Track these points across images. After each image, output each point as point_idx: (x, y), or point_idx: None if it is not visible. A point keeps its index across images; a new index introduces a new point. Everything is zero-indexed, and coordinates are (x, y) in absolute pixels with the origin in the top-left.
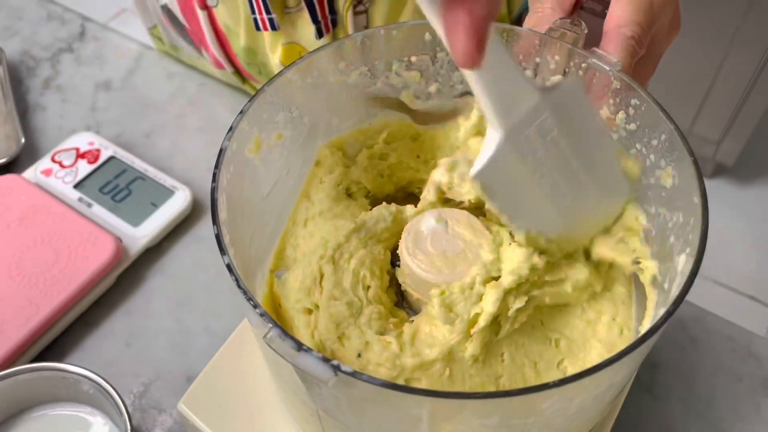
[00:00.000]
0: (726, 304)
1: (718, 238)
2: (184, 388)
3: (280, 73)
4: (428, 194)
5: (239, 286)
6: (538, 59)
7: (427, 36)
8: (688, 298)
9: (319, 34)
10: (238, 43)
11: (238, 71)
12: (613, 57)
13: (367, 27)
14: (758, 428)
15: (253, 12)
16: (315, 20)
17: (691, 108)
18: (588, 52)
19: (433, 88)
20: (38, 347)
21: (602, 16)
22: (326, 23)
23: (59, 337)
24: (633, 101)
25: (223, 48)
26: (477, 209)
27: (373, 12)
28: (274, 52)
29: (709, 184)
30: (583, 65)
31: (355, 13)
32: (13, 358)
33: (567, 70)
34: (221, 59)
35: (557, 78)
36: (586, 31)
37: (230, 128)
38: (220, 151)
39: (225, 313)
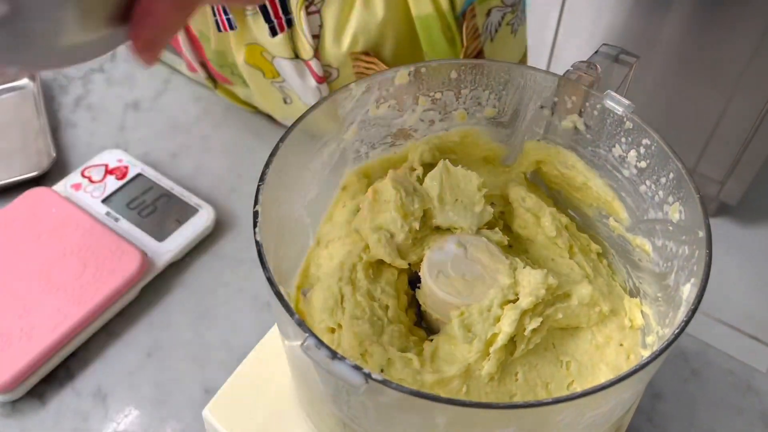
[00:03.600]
0: (727, 343)
1: (720, 277)
2: (201, 398)
3: (315, 105)
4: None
5: (278, 298)
6: (555, 99)
7: (453, 74)
8: (691, 332)
9: (273, 32)
10: (210, 47)
11: (210, 76)
12: (626, 100)
13: (321, 26)
14: None
15: (215, 14)
16: (268, 20)
17: (696, 147)
18: (603, 93)
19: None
20: (63, 354)
21: (617, 60)
22: (280, 23)
23: (83, 346)
24: (644, 141)
25: (198, 53)
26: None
27: (325, 12)
28: (239, 52)
29: (712, 222)
30: (598, 106)
31: (308, 13)
32: (38, 365)
33: (582, 110)
34: (195, 64)
35: (574, 116)
36: (601, 75)
37: (271, 153)
38: (263, 173)
39: (243, 328)
